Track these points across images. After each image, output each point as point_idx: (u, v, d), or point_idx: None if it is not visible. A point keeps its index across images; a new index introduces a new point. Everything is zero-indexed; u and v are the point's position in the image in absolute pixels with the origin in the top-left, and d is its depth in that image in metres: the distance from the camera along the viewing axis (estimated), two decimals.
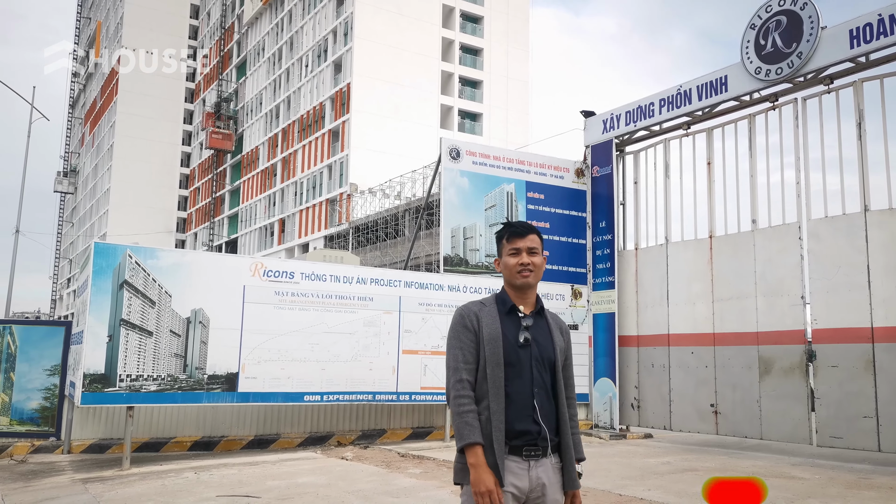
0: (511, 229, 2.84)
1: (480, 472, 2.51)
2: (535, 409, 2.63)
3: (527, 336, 2.71)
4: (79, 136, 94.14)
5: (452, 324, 2.77)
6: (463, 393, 2.63)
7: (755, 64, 10.19)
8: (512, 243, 2.80)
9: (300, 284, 10.05)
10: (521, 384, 2.64)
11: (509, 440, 2.60)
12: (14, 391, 10.24)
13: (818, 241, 9.46)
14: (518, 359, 2.67)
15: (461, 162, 11.90)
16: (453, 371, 2.67)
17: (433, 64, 52.62)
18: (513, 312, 2.76)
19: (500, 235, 2.87)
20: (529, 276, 2.77)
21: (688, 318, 11.05)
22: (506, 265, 2.81)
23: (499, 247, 2.87)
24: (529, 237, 2.80)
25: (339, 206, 48.75)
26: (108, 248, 8.89)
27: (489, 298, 2.84)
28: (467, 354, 2.68)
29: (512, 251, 2.80)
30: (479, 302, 2.82)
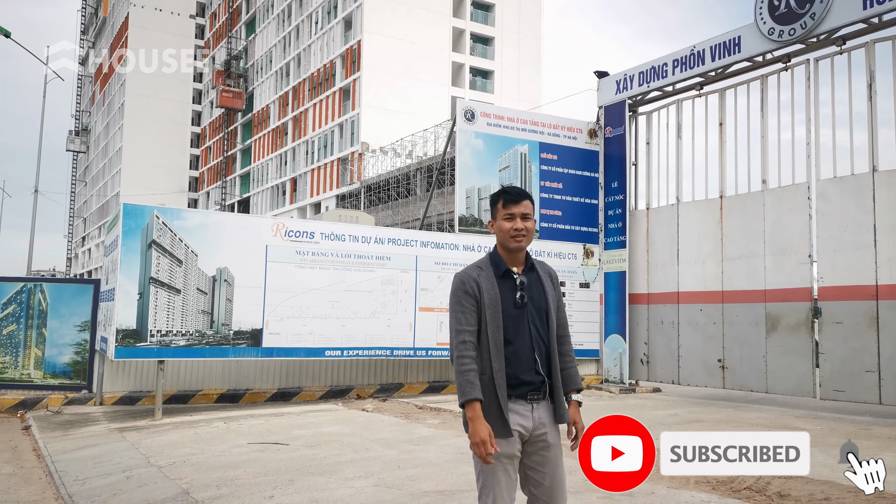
0: (506, 195, 3.01)
1: (477, 425, 2.75)
2: (536, 363, 2.89)
3: (522, 295, 2.92)
4: (89, 95, 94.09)
5: (454, 289, 2.94)
6: (465, 353, 2.83)
7: (768, 25, 10.26)
8: (507, 209, 2.98)
9: (320, 244, 10.36)
10: (522, 342, 2.88)
11: (514, 389, 2.85)
12: (46, 346, 10.69)
13: (826, 201, 9.65)
14: (517, 319, 2.89)
15: (476, 123, 12.08)
16: (456, 333, 2.87)
17: (444, 20, 52.08)
18: (507, 274, 2.95)
19: (495, 200, 3.04)
20: (522, 241, 2.96)
21: (697, 277, 11.31)
22: (500, 229, 2.98)
23: (493, 210, 3.04)
24: (523, 203, 2.97)
25: (351, 165, 48.87)
26: (137, 209, 9.21)
27: (483, 261, 3.02)
28: (469, 317, 2.87)
29: (507, 216, 2.97)
30: (475, 266, 3.01)
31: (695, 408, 9.97)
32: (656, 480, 5.38)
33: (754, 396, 11.01)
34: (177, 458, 6.51)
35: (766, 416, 9.13)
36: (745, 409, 9.91)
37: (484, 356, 2.85)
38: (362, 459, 6.25)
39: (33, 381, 10.57)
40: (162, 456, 6.65)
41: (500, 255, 2.99)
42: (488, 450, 2.72)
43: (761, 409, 9.78)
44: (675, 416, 9.05)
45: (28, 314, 10.52)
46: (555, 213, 12.57)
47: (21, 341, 10.52)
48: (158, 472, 5.96)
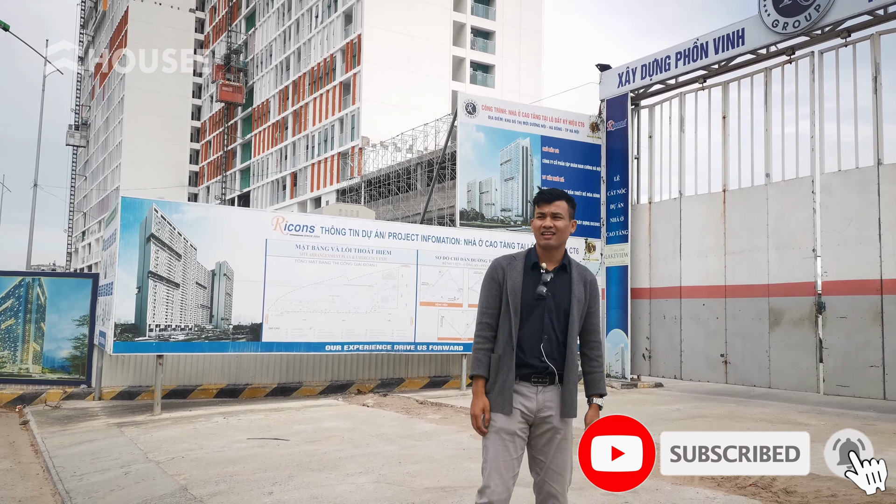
0: (540, 195, 3.25)
1: (476, 399, 3.08)
2: (541, 353, 3.06)
3: (543, 290, 3.10)
4: (89, 90, 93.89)
5: (486, 274, 3.20)
6: (482, 334, 3.13)
7: (772, 17, 10.16)
8: (540, 207, 3.19)
9: (320, 238, 10.28)
10: (531, 331, 3.07)
11: (520, 369, 3.06)
12: (45, 340, 10.63)
13: (830, 194, 9.57)
14: (533, 309, 3.09)
15: (477, 117, 11.99)
16: (479, 314, 3.17)
17: (445, 14, 51.89)
18: (536, 268, 3.15)
19: (534, 200, 3.28)
20: (551, 238, 3.13)
21: (700, 271, 11.24)
22: (533, 226, 3.21)
23: (533, 209, 3.27)
24: (555, 203, 3.18)
25: (351, 159, 48.76)
26: (135, 202, 9.13)
27: (521, 253, 3.23)
28: (491, 301, 3.14)
29: (539, 215, 3.19)
30: (510, 256, 3.23)
31: (697, 403, 9.91)
32: (660, 477, 5.32)
33: (756, 392, 10.95)
34: (175, 454, 6.45)
35: (769, 411, 9.07)
36: (747, 404, 9.85)
37: (500, 337, 3.09)
38: (363, 455, 6.19)
39: (32, 376, 10.51)
40: (160, 451, 6.59)
41: (537, 250, 3.19)
42: (479, 421, 3.04)
43: (764, 405, 9.72)
44: (677, 412, 8.99)
45: (27, 308, 10.45)
46: None
47: (19, 336, 10.46)
48: (157, 468, 5.89)
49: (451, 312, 11.22)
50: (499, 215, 12.13)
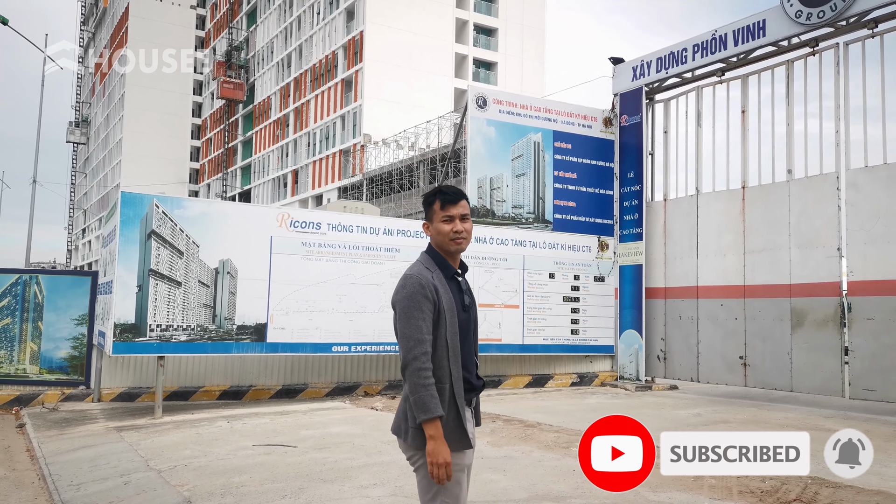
0: (444, 196, 2.81)
1: (440, 445, 2.54)
2: (476, 366, 2.81)
3: (467, 300, 2.80)
4: (89, 86, 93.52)
5: (411, 293, 2.67)
6: (427, 365, 2.60)
7: (796, 7, 9.82)
8: (446, 210, 2.79)
9: (327, 235, 9.95)
10: (467, 346, 2.76)
11: (467, 394, 2.73)
12: (42, 340, 10.30)
13: (857, 191, 9.23)
14: (465, 323, 2.77)
15: (488, 111, 11.64)
16: (416, 343, 2.61)
17: (448, 11, 51.51)
18: (454, 277, 2.80)
19: (431, 200, 2.83)
20: (463, 243, 2.79)
21: (718, 270, 10.90)
22: (439, 231, 2.79)
23: (428, 211, 2.84)
24: (461, 203, 2.82)
25: (353, 157, 48.40)
26: (135, 197, 8.79)
27: (428, 262, 2.80)
28: (428, 324, 2.65)
29: (445, 218, 2.78)
30: (425, 268, 2.77)
31: (717, 407, 9.58)
32: (696, 490, 4.99)
33: (775, 395, 10.61)
34: (178, 462, 6.11)
35: (793, 416, 8.73)
36: (769, 408, 9.51)
37: (442, 364, 2.66)
38: (376, 464, 5.86)
39: (29, 377, 10.18)
40: (162, 459, 6.26)
41: (443, 256, 2.81)
42: (450, 473, 2.55)
43: (787, 409, 9.38)
44: (699, 417, 8.65)
45: (24, 307, 10.12)
46: (568, 203, 12.16)
47: (16, 335, 10.12)
48: (158, 478, 5.56)
49: None
50: (510, 212, 11.79)
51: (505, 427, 7.80)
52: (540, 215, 11.99)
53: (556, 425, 7.82)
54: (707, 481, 5.16)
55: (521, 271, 11.43)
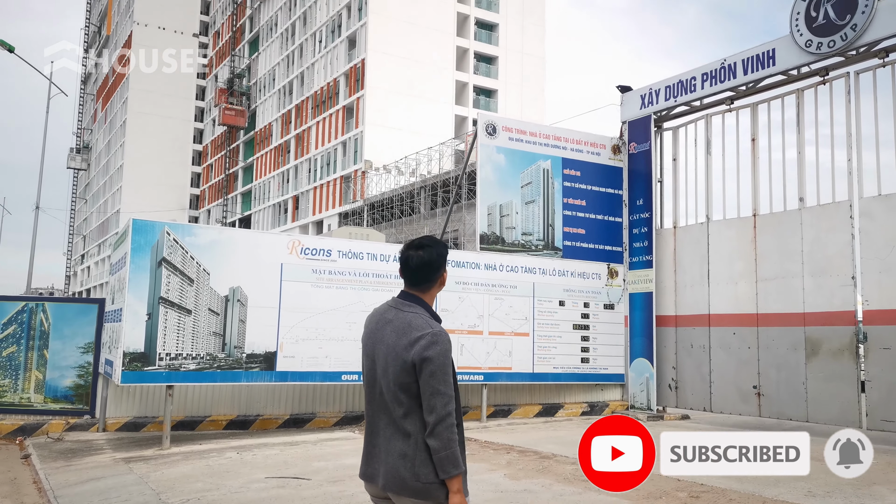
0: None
1: (463, 498, 2.57)
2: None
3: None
4: (91, 113, 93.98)
5: (445, 349, 2.64)
6: (456, 421, 2.61)
7: (805, 37, 9.86)
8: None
9: (337, 262, 9.88)
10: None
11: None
12: (48, 369, 10.16)
13: (870, 219, 9.19)
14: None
15: (497, 138, 11.65)
16: (450, 399, 2.61)
17: (448, 39, 51.99)
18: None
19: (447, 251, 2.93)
20: None
21: (730, 298, 10.82)
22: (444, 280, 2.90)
23: (446, 263, 2.90)
24: None
25: (354, 183, 48.51)
26: (147, 224, 8.73)
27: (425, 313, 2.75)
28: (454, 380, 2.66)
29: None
30: (435, 321, 2.75)
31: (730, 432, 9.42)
32: None
33: (790, 425, 10.44)
34: (191, 495, 5.98)
35: (812, 448, 8.58)
36: None
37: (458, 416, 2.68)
38: None
39: (33, 406, 10.03)
40: (174, 492, 6.12)
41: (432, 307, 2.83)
42: None
43: None
44: None
45: (29, 335, 10.00)
46: (578, 231, 12.11)
47: (21, 363, 9.99)
48: None
49: (470, 340, 10.79)
50: (520, 239, 11.74)
51: (520, 459, 7.67)
52: (550, 242, 11.94)
53: (571, 457, 7.69)
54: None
55: (531, 299, 11.35)
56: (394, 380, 2.60)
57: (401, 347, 2.62)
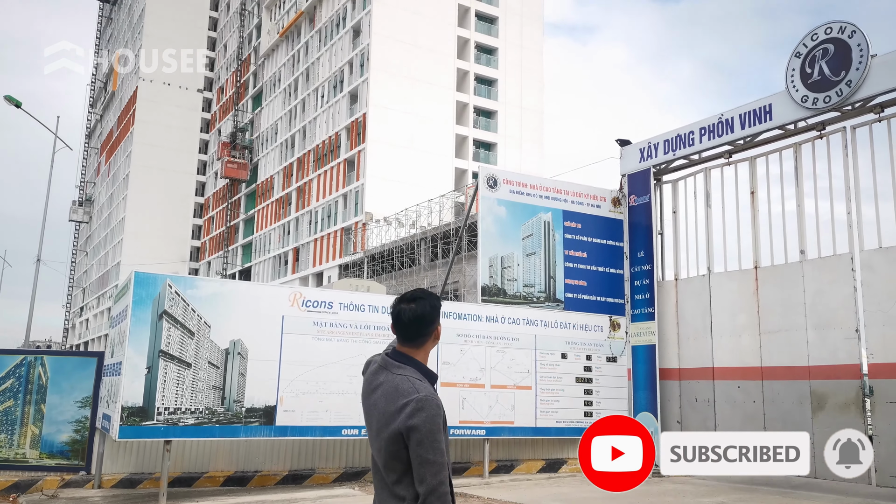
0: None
1: None
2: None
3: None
4: (94, 166, 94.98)
5: (432, 416, 2.52)
6: (449, 489, 2.53)
7: (801, 92, 10.03)
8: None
9: (338, 315, 9.85)
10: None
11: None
12: (44, 423, 10.02)
13: (872, 272, 9.20)
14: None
15: (498, 191, 11.74)
16: (441, 467, 2.51)
17: (448, 94, 52.89)
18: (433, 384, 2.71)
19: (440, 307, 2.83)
20: None
21: (733, 351, 10.75)
22: (438, 335, 2.78)
23: (437, 320, 2.78)
24: None
25: (354, 235, 48.71)
26: (149, 277, 8.73)
27: (418, 374, 2.65)
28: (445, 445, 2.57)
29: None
30: (424, 384, 2.64)
31: (740, 494, 9.26)
32: None
33: (797, 481, 10.26)
34: None
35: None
36: (794, 495, 9.20)
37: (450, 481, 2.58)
38: None
39: (28, 462, 9.86)
40: None
41: (425, 364, 2.70)
42: None
43: (811, 497, 9.08)
44: None
45: (27, 389, 9.89)
46: (579, 283, 12.11)
47: (18, 418, 9.86)
48: None
49: (472, 394, 10.68)
50: (521, 291, 11.72)
51: None
52: (551, 294, 11.93)
53: None
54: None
55: (532, 351, 11.27)
56: (385, 447, 2.53)
57: (389, 414, 2.55)
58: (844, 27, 9.55)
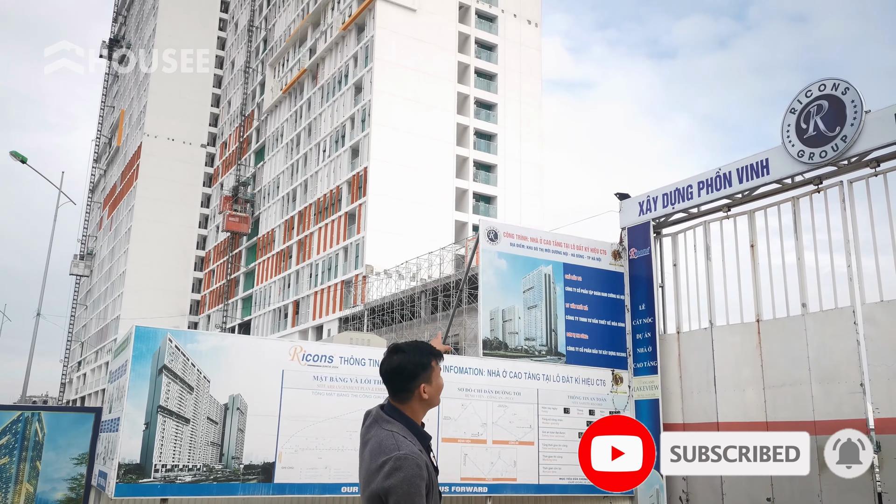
0: (439, 354, 2.83)
1: None
2: None
3: (436, 460, 2.68)
4: (97, 220, 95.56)
5: (409, 477, 2.47)
6: None
7: (797, 147, 10.16)
8: (439, 364, 2.81)
9: (339, 369, 9.78)
10: None
11: None
12: (39, 481, 9.87)
13: (875, 325, 9.17)
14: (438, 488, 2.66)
15: (499, 244, 11.80)
16: None
17: (448, 149, 53.61)
18: (428, 449, 2.67)
19: (428, 362, 2.75)
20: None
21: (738, 406, 10.64)
22: (438, 387, 2.77)
23: (424, 374, 2.72)
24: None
25: (354, 287, 48.71)
26: (149, 332, 8.70)
27: (405, 432, 2.63)
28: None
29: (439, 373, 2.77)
30: (408, 441, 2.60)
31: None
32: None
33: None
34: None
35: None
36: None
37: None
38: None
39: None
40: None
41: (415, 419, 2.69)
42: None
43: None
44: None
45: (23, 446, 9.76)
46: (581, 336, 12.06)
47: (12, 476, 9.70)
48: None
49: (474, 449, 10.52)
50: (522, 344, 11.66)
51: None
52: (553, 347, 11.86)
53: None
54: None
55: (535, 405, 11.15)
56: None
57: (371, 472, 2.51)
58: (837, 84, 9.74)
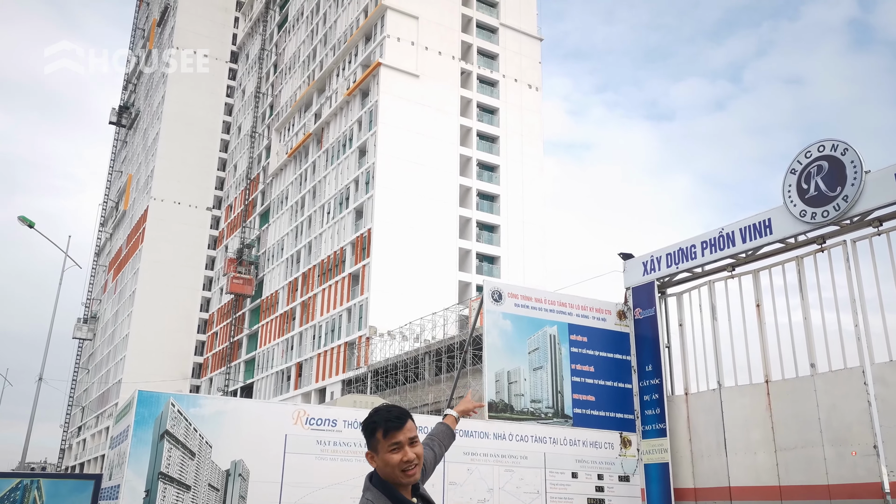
0: (387, 423, 2.54)
1: None
2: None
3: None
4: (101, 284, 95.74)
5: None
6: None
7: (799, 207, 10.22)
8: (391, 438, 2.53)
9: (342, 433, 9.63)
10: None
11: None
12: None
13: (885, 385, 9.05)
14: None
15: (503, 304, 11.77)
16: None
17: (452, 209, 53.99)
18: None
19: (373, 429, 2.55)
20: (416, 472, 2.53)
21: (749, 469, 10.41)
22: (387, 463, 2.53)
23: (371, 441, 2.56)
24: (408, 426, 2.54)
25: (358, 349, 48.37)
26: (152, 396, 8.62)
27: (380, 498, 2.51)
28: None
29: (392, 447, 2.52)
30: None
31: None
32: None
33: None
34: None
35: None
36: None
37: None
38: None
39: None
40: None
41: (394, 487, 2.54)
42: None
43: None
44: None
45: None
46: (587, 398, 11.91)
47: None
48: None
49: None
50: (528, 407, 11.51)
51: None
52: (559, 410, 11.70)
53: None
54: None
55: (542, 470, 10.92)
56: None
57: None
58: (837, 145, 9.86)
